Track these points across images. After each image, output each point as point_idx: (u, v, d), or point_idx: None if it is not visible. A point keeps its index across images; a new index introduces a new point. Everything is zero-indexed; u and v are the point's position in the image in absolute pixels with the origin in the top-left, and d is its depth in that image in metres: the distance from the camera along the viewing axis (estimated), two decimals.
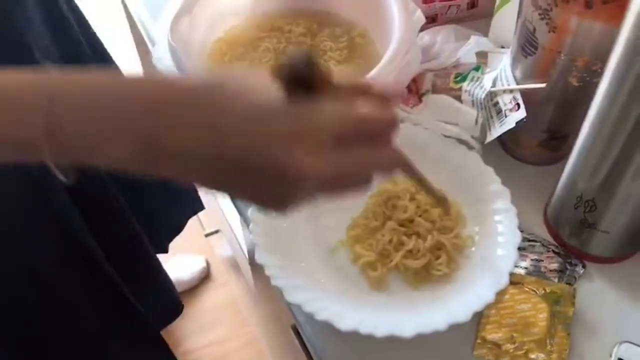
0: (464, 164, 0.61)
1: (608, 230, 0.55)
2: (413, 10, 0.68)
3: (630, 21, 0.44)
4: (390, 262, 0.55)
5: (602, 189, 0.53)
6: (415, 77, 0.68)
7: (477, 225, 0.59)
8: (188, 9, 0.66)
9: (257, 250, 0.54)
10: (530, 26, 0.55)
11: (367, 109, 0.36)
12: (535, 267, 0.58)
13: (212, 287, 1.46)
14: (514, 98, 0.60)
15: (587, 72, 0.55)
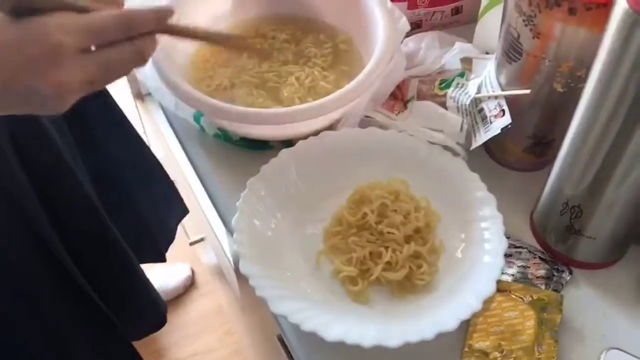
0: (449, 171, 0.61)
1: (594, 236, 0.55)
2: (398, 17, 0.68)
3: (613, 27, 0.44)
4: (370, 275, 0.55)
5: (587, 195, 0.53)
6: (400, 83, 0.68)
7: (463, 232, 0.58)
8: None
9: (241, 260, 0.53)
10: (514, 32, 0.55)
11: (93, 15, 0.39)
12: (522, 274, 0.57)
13: (197, 295, 1.44)
14: (498, 104, 0.60)
15: (571, 78, 0.55)
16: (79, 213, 0.71)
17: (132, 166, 0.87)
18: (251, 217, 0.58)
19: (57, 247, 0.68)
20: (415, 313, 0.52)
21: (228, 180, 0.67)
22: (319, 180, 0.62)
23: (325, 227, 0.59)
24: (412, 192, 0.61)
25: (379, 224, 0.57)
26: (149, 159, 0.90)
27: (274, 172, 0.61)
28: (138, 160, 0.88)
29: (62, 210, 0.69)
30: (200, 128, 0.69)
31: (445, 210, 0.60)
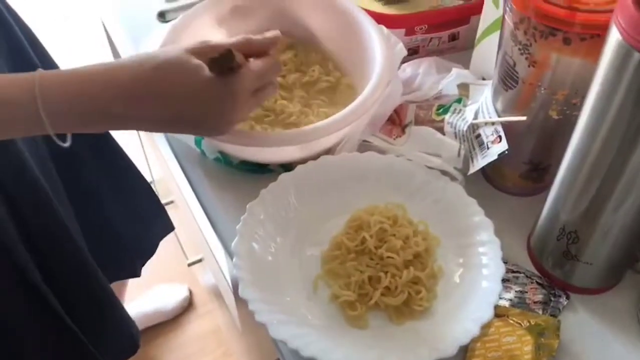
0: (447, 196, 0.62)
1: (591, 262, 0.56)
2: (395, 43, 0.69)
3: (607, 57, 0.45)
4: (369, 300, 0.55)
5: (584, 221, 0.54)
6: (398, 108, 0.69)
7: (460, 257, 0.59)
8: (172, 41, 0.66)
9: (240, 284, 0.54)
10: (510, 60, 0.56)
11: (257, 64, 0.54)
12: (520, 298, 0.58)
13: (195, 316, 1.44)
14: (495, 130, 0.61)
15: (567, 106, 0.56)
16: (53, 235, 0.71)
17: (111, 181, 0.86)
18: (251, 241, 0.58)
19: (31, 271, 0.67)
20: (414, 338, 0.53)
21: (228, 203, 0.67)
22: (318, 204, 0.62)
23: (323, 252, 0.59)
24: (410, 217, 0.61)
25: (378, 248, 0.57)
26: (130, 172, 0.90)
27: (274, 196, 0.61)
28: (118, 174, 0.88)
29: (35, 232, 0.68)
30: (201, 152, 0.69)
31: (443, 234, 0.60)
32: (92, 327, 0.78)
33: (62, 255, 0.72)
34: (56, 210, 0.69)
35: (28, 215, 0.66)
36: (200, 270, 1.44)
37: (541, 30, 0.51)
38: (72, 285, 0.75)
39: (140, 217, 0.93)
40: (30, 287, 0.68)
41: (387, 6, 0.77)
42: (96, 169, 0.83)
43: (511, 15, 0.54)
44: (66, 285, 0.73)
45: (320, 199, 0.63)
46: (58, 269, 0.72)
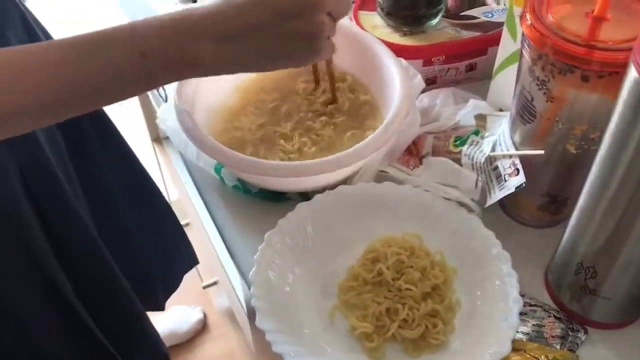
0: (464, 227, 0.62)
1: (609, 297, 0.55)
2: (413, 74, 0.70)
3: (624, 95, 0.45)
4: (386, 332, 0.55)
5: (602, 256, 0.54)
6: (415, 139, 0.69)
7: (478, 290, 0.59)
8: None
9: (258, 314, 0.54)
10: (528, 95, 0.57)
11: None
12: (537, 332, 0.57)
13: (208, 338, 1.44)
14: (513, 163, 0.61)
15: (584, 140, 0.56)
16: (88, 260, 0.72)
17: (140, 216, 0.87)
18: (268, 271, 0.58)
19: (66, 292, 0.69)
20: None
21: (245, 231, 0.68)
22: (335, 233, 0.63)
23: (340, 283, 0.60)
24: (426, 248, 0.62)
25: (396, 280, 0.58)
26: (160, 208, 0.91)
27: (291, 225, 0.62)
28: (147, 210, 0.89)
29: (70, 254, 0.70)
30: (220, 179, 0.70)
31: (460, 266, 0.60)
32: (125, 344, 0.79)
33: (91, 267, 0.74)
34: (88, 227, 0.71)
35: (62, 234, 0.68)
36: (215, 293, 1.45)
37: (559, 67, 0.52)
38: (103, 300, 0.76)
39: (168, 250, 0.95)
40: (62, 302, 0.69)
41: (405, 37, 0.78)
42: (128, 205, 0.85)
43: (529, 52, 0.55)
44: (96, 300, 0.75)
45: (337, 229, 0.63)
46: (88, 283, 0.73)
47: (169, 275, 0.99)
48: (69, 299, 0.69)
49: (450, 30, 0.79)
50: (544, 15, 0.53)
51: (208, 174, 0.72)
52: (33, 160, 0.64)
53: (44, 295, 0.68)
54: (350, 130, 0.70)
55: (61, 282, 0.68)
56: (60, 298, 0.69)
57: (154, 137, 1.13)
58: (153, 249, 0.90)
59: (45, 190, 0.66)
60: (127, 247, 0.84)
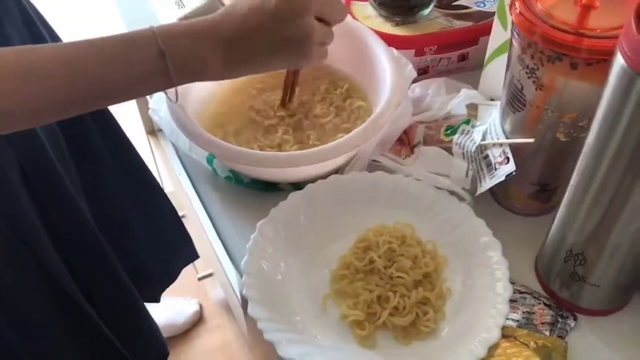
0: (455, 216, 0.62)
1: (598, 284, 0.56)
2: (405, 64, 0.70)
3: (612, 82, 0.45)
4: (377, 319, 0.55)
5: (591, 243, 0.54)
6: (407, 128, 0.69)
7: (468, 278, 0.59)
8: None
9: (250, 303, 0.55)
10: (517, 84, 0.57)
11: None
12: (527, 319, 0.58)
13: (204, 330, 1.44)
14: (503, 152, 0.61)
15: (574, 128, 0.56)
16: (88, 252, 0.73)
17: (141, 211, 0.88)
18: (260, 260, 0.59)
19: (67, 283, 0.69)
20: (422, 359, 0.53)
21: (238, 220, 0.68)
22: (327, 222, 0.63)
23: (332, 271, 0.60)
24: (418, 236, 0.62)
25: (387, 268, 0.58)
26: (161, 203, 0.91)
27: (284, 215, 0.62)
28: (148, 205, 0.89)
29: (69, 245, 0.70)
30: (213, 170, 0.70)
31: (451, 254, 0.61)
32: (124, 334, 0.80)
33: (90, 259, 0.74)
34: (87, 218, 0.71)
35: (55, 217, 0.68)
36: (210, 284, 1.45)
37: (548, 55, 0.52)
38: (102, 291, 0.77)
39: (167, 245, 0.95)
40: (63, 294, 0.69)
41: (398, 27, 0.78)
42: (127, 197, 0.85)
43: (518, 40, 0.55)
44: (96, 291, 0.75)
45: (329, 218, 0.63)
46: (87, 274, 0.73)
47: (167, 268, 0.99)
48: (70, 290, 0.70)
49: (442, 20, 0.79)
50: (533, 3, 0.54)
51: (201, 165, 0.72)
52: (32, 152, 0.64)
53: (44, 288, 0.68)
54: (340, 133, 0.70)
55: (61, 274, 0.68)
56: (60, 290, 0.69)
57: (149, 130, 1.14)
58: (151, 242, 0.90)
59: (44, 182, 0.66)
60: (125, 239, 0.85)
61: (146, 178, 0.89)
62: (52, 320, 0.70)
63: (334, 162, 0.65)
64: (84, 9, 2.09)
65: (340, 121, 0.71)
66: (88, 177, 0.77)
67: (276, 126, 0.71)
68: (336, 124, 0.70)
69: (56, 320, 0.71)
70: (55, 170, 0.67)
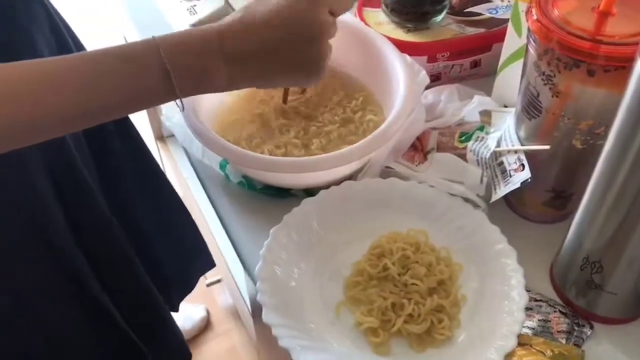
0: (469, 223, 0.62)
1: (615, 292, 0.55)
2: (418, 70, 0.70)
3: (631, 89, 0.45)
4: (392, 327, 0.55)
5: (608, 251, 0.54)
6: (420, 135, 0.69)
7: (483, 285, 0.59)
8: None
9: (264, 309, 0.54)
10: (533, 90, 0.57)
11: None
12: (543, 327, 0.57)
13: (212, 336, 1.44)
14: (518, 158, 0.61)
15: (590, 135, 0.56)
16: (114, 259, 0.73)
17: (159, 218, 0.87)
18: (274, 266, 0.59)
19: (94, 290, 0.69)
20: None
21: (251, 227, 0.68)
22: (340, 229, 0.63)
23: (346, 278, 0.60)
24: (432, 243, 0.62)
25: (402, 275, 0.58)
26: (178, 211, 0.91)
27: (297, 221, 0.62)
28: (166, 213, 0.89)
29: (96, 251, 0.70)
30: (225, 175, 0.70)
31: (465, 262, 0.60)
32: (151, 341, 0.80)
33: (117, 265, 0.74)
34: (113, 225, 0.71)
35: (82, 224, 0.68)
36: (219, 290, 1.45)
37: (565, 61, 0.52)
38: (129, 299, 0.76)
39: (184, 253, 0.95)
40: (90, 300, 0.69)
41: (410, 34, 0.78)
42: (145, 204, 0.85)
43: (535, 47, 0.55)
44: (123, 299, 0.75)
45: (342, 224, 0.63)
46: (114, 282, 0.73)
47: (185, 276, 0.99)
48: (97, 295, 0.70)
49: (454, 27, 0.79)
50: (550, 9, 0.53)
51: (212, 170, 0.72)
52: (62, 160, 0.64)
53: (71, 294, 0.68)
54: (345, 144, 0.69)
55: (89, 279, 0.68)
56: (88, 295, 0.69)
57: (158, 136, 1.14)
58: (169, 250, 0.90)
59: (72, 188, 0.66)
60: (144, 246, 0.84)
61: (163, 185, 0.89)
62: (77, 325, 0.70)
63: (346, 168, 0.65)
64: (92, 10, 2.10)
65: (347, 132, 0.70)
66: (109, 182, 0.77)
67: (285, 131, 0.70)
68: (342, 134, 0.70)
69: (82, 325, 0.71)
70: (82, 174, 0.67)
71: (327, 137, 0.69)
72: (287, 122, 0.71)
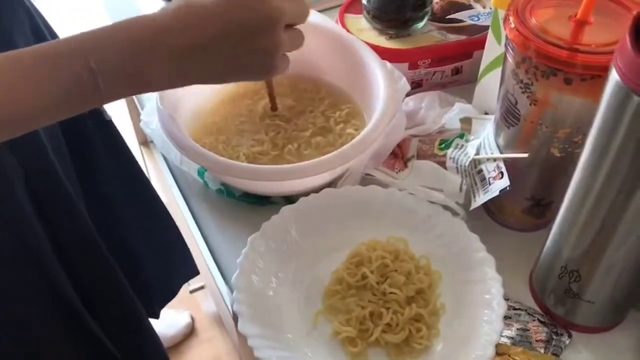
0: (449, 231, 0.61)
1: (593, 300, 0.55)
2: (398, 77, 0.70)
3: (606, 98, 0.45)
4: (370, 336, 0.54)
5: (586, 259, 0.53)
6: (400, 142, 0.69)
7: (462, 293, 0.58)
8: None
9: (240, 319, 0.54)
10: (512, 98, 0.57)
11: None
12: (522, 336, 0.57)
13: (196, 343, 1.43)
14: (497, 166, 0.61)
15: (568, 143, 0.56)
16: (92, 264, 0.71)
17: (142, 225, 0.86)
18: (251, 275, 0.58)
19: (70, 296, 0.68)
20: None
21: (229, 234, 0.67)
22: (319, 237, 0.62)
23: (325, 286, 0.59)
24: (411, 251, 0.61)
25: (380, 283, 0.57)
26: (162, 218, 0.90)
27: (275, 229, 0.61)
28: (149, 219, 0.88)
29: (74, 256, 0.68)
30: (204, 183, 0.70)
31: (444, 270, 0.60)
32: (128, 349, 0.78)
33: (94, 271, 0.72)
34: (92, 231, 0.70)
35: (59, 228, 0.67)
36: (202, 297, 1.44)
37: (542, 70, 0.52)
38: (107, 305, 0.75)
39: (168, 260, 0.93)
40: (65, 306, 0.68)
41: (391, 40, 0.78)
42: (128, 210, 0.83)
43: (512, 55, 0.55)
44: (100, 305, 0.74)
45: (321, 232, 0.63)
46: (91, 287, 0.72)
47: (168, 284, 0.98)
48: (73, 303, 0.69)
49: (436, 34, 0.79)
50: (527, 18, 0.53)
51: (192, 177, 0.71)
52: (37, 165, 0.63)
53: (46, 300, 0.67)
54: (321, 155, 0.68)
55: (64, 285, 0.67)
56: (63, 302, 0.68)
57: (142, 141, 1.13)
58: (151, 257, 0.89)
59: (49, 192, 0.65)
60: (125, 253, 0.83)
61: (146, 190, 0.88)
62: (54, 333, 0.69)
63: (327, 175, 0.64)
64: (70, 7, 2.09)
65: (325, 142, 0.70)
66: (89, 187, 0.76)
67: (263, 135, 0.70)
68: (320, 144, 0.70)
69: (59, 334, 0.70)
70: (60, 182, 0.66)
71: (305, 143, 0.69)
72: (268, 124, 0.71)
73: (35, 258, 0.63)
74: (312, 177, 0.62)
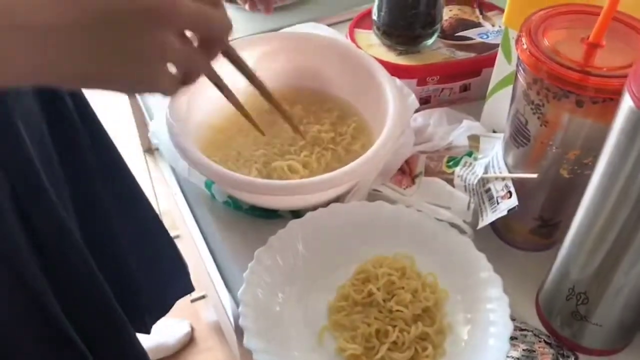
0: (456, 249, 0.61)
1: (601, 323, 0.55)
2: (407, 94, 0.70)
3: (619, 123, 0.45)
4: (376, 354, 0.54)
5: (594, 282, 0.53)
6: (408, 158, 0.69)
7: (468, 313, 0.58)
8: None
9: (246, 334, 0.53)
10: (522, 118, 0.57)
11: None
12: (527, 357, 0.57)
13: (196, 352, 1.43)
14: (505, 186, 0.61)
15: (578, 165, 0.56)
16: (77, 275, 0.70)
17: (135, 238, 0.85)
18: (257, 289, 0.58)
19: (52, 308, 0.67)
20: None
21: (235, 247, 0.67)
22: (326, 252, 0.62)
23: (330, 302, 0.59)
24: (418, 269, 0.61)
25: (387, 301, 0.57)
26: (156, 232, 0.88)
27: (282, 243, 0.61)
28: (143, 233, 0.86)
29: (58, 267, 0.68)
30: (211, 195, 0.70)
31: (451, 288, 0.60)
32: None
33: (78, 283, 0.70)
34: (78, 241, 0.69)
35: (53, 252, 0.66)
36: (203, 306, 1.43)
37: (554, 91, 0.52)
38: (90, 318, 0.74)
39: (162, 276, 0.91)
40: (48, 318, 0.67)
41: (400, 57, 0.78)
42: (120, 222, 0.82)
43: (524, 75, 0.55)
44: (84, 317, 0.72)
45: (328, 247, 0.63)
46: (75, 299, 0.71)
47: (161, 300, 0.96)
48: (56, 315, 0.68)
49: (445, 51, 0.79)
50: (540, 39, 0.53)
51: (199, 190, 0.71)
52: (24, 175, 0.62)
53: (28, 312, 0.66)
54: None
55: (47, 297, 0.67)
56: (45, 313, 0.67)
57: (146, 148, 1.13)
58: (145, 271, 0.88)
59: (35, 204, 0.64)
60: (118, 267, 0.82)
61: (139, 202, 0.87)
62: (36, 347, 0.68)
63: (334, 191, 0.64)
64: None
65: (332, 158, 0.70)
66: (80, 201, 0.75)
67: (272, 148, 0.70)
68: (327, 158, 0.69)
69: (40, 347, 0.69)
70: (47, 195, 0.65)
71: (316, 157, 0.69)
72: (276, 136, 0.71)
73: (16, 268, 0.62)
74: (320, 193, 0.62)
